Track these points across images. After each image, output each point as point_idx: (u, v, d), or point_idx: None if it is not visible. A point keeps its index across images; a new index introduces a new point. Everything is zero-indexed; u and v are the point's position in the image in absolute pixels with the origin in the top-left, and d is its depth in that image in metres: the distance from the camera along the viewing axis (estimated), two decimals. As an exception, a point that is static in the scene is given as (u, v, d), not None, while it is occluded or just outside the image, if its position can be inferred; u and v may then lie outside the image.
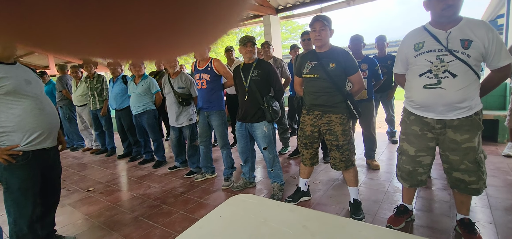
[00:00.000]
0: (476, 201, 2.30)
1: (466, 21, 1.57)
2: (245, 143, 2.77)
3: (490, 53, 1.53)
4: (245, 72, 2.59)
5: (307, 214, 0.87)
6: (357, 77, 2.11)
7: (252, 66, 2.56)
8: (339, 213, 2.32)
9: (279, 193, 2.66)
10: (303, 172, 2.47)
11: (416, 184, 1.90)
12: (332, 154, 2.21)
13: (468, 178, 1.68)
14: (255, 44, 2.57)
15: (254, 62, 2.58)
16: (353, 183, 2.22)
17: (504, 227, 1.96)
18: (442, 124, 1.68)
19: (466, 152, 1.64)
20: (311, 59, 2.17)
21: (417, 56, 1.67)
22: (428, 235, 1.95)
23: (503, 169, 2.96)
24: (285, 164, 3.69)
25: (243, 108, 2.64)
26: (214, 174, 3.36)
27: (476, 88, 1.60)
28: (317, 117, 2.19)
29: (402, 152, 1.90)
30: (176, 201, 2.77)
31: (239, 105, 2.72)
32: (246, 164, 2.89)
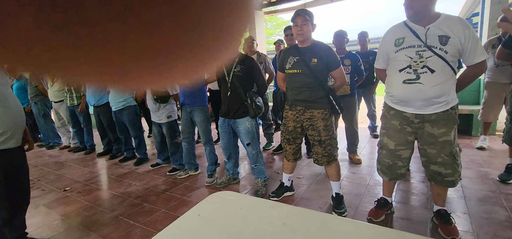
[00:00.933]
0: (452, 192, 2.39)
1: (444, 17, 1.60)
2: (228, 139, 2.74)
3: (466, 50, 1.58)
4: (228, 68, 2.55)
5: (288, 210, 0.86)
6: (339, 72, 2.13)
7: (234, 62, 2.53)
8: (322, 207, 2.35)
9: (262, 188, 2.66)
10: (287, 167, 2.47)
11: (396, 178, 1.94)
12: (315, 149, 2.22)
13: (445, 171, 1.73)
14: None
15: (237, 57, 2.54)
16: (335, 178, 2.25)
17: (478, 217, 2.04)
18: (421, 119, 1.72)
19: (443, 145, 1.69)
20: (294, 55, 2.16)
21: (398, 52, 1.70)
22: (407, 226, 2.01)
23: (477, 161, 3.09)
24: (269, 160, 3.69)
25: (226, 104, 2.61)
26: (197, 170, 3.31)
27: (452, 83, 1.65)
28: (299, 113, 2.19)
29: (382, 146, 1.93)
30: (158, 199, 2.70)
31: (222, 101, 2.68)
32: (229, 160, 2.86)
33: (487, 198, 2.30)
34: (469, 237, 1.83)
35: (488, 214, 2.07)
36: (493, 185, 2.50)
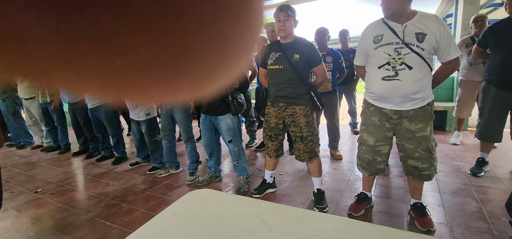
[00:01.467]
0: (427, 186, 2.47)
1: (421, 15, 1.64)
2: (210, 136, 2.69)
3: (441, 47, 1.62)
4: None
5: (267, 207, 0.85)
6: (320, 69, 2.14)
7: None
8: (304, 203, 2.36)
9: (245, 186, 2.64)
10: (269, 164, 2.47)
11: (375, 173, 1.98)
12: (296, 145, 2.23)
13: (421, 165, 1.78)
14: None
15: None
16: (317, 174, 2.27)
17: (451, 209, 2.12)
18: (399, 115, 1.75)
19: (420, 140, 1.74)
20: (276, 50, 2.15)
21: (377, 49, 1.72)
22: (385, 220, 2.05)
23: (451, 156, 3.22)
24: (252, 157, 3.67)
25: (207, 101, 2.56)
26: (178, 169, 3.24)
27: (429, 80, 1.69)
28: (281, 109, 2.18)
29: (362, 142, 1.96)
30: (137, 199, 2.62)
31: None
32: (211, 158, 2.81)
33: (459, 190, 2.40)
34: (443, 228, 1.90)
35: (461, 206, 2.15)
36: (465, 178, 2.62)
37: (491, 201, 2.18)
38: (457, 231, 1.87)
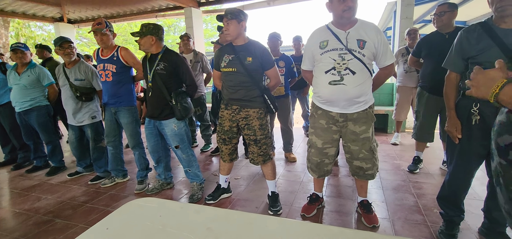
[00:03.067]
0: (372, 183, 2.65)
1: (361, 23, 1.75)
2: (155, 141, 2.53)
3: (379, 53, 1.75)
4: (151, 64, 2.35)
5: (214, 214, 0.79)
6: (273, 72, 2.15)
7: (157, 58, 2.32)
8: (259, 207, 2.35)
9: (198, 192, 2.54)
10: (223, 168, 2.41)
11: (323, 174, 2.04)
12: (250, 149, 2.21)
13: (365, 165, 1.89)
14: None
15: (160, 53, 2.34)
16: (271, 176, 2.27)
17: (392, 204, 2.30)
18: (345, 117, 1.84)
19: (364, 142, 1.84)
20: (229, 53, 2.11)
21: (323, 54, 1.78)
22: (335, 219, 2.14)
23: (392, 155, 3.51)
24: (207, 162, 3.57)
25: (150, 104, 2.40)
26: (126, 177, 3.00)
27: (370, 84, 1.81)
28: (235, 112, 2.15)
29: (311, 145, 2.01)
30: (75, 213, 2.34)
31: (147, 100, 2.46)
32: (159, 164, 2.65)
33: (399, 187, 2.61)
34: (386, 223, 2.04)
35: (401, 201, 2.34)
36: (404, 175, 2.87)
37: (425, 195, 2.42)
38: (398, 224, 2.02)
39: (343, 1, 1.65)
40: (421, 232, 1.92)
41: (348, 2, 1.64)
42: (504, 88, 0.74)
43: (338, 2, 1.67)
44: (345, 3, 1.65)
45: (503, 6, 1.39)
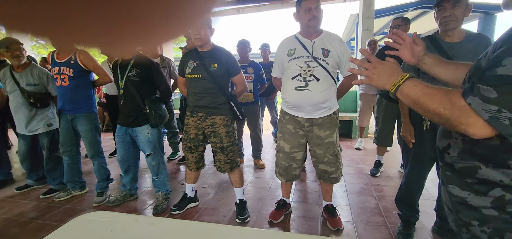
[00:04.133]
0: (337, 188, 2.74)
1: (325, 33, 1.83)
2: (127, 149, 2.41)
3: (342, 62, 1.83)
4: (122, 70, 2.25)
5: (170, 225, 0.76)
6: (239, 78, 2.15)
7: (129, 64, 2.25)
8: (226, 215, 2.31)
9: (164, 202, 2.43)
10: (189, 177, 2.34)
11: (291, 179, 2.07)
12: (217, 156, 2.18)
13: (330, 169, 1.95)
14: None
15: (132, 60, 2.27)
16: (238, 184, 2.25)
17: (356, 207, 2.39)
18: (310, 122, 1.89)
19: (328, 146, 1.91)
20: (194, 59, 2.08)
21: (290, 61, 1.83)
22: (302, 224, 2.17)
23: (355, 160, 3.67)
24: (174, 170, 3.46)
25: (122, 111, 2.30)
26: (84, 189, 2.80)
27: (334, 91, 1.89)
28: (201, 119, 2.11)
29: (279, 150, 2.04)
30: (23, 231, 2.13)
31: (119, 107, 2.35)
32: (127, 174, 2.51)
33: (362, 190, 2.73)
34: (349, 225, 2.11)
35: (363, 204, 2.44)
36: (366, 179, 3.00)
37: (386, 197, 2.55)
38: (360, 227, 2.10)
39: (309, 11, 1.74)
40: (381, 234, 2.01)
41: (313, 12, 1.72)
42: (406, 81, 0.78)
43: (304, 13, 1.74)
44: (310, 13, 1.73)
45: (445, 21, 1.53)
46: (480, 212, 0.76)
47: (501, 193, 0.72)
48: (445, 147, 0.87)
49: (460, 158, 0.81)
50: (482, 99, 0.64)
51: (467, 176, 0.79)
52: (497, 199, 0.72)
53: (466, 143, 0.78)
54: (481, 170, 0.75)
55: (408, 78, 0.79)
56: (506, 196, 0.71)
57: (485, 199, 0.75)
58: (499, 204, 0.72)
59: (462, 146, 0.80)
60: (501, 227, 0.73)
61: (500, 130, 0.63)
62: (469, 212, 0.79)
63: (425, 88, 0.75)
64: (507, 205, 0.71)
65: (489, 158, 0.74)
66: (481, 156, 0.75)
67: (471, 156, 0.78)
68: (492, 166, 0.73)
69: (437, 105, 0.71)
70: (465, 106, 0.66)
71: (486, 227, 0.76)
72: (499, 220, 0.73)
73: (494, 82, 0.62)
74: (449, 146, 0.85)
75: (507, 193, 0.71)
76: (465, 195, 0.80)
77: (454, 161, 0.83)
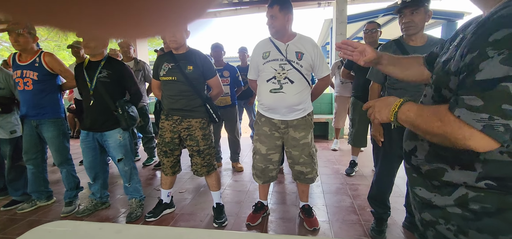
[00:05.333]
0: (314, 188, 2.78)
1: (299, 37, 1.86)
2: (94, 156, 2.30)
3: (316, 65, 1.87)
4: (91, 72, 2.16)
5: (138, 232, 0.73)
6: (215, 81, 2.14)
7: (99, 65, 2.16)
8: (203, 220, 2.27)
9: (138, 210, 2.35)
10: (165, 182, 2.28)
11: (268, 180, 2.08)
12: (194, 160, 2.14)
13: (305, 169, 1.98)
14: None
15: (103, 60, 2.19)
16: (216, 187, 2.23)
17: (332, 207, 2.44)
18: (286, 124, 1.92)
19: (303, 147, 1.94)
20: (168, 61, 2.04)
21: (265, 64, 1.85)
22: (279, 225, 2.18)
23: (332, 160, 3.75)
24: (149, 176, 3.35)
25: (90, 115, 2.19)
26: (50, 199, 2.63)
27: (308, 93, 1.92)
28: (176, 123, 2.07)
29: (256, 152, 2.04)
30: (-20, 247, 1.96)
31: (84, 111, 2.25)
32: (96, 181, 2.40)
33: (338, 190, 2.79)
34: (325, 225, 2.15)
35: (339, 203, 2.50)
36: (342, 178, 3.08)
37: (360, 196, 2.62)
38: (336, 225, 2.14)
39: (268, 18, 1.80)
40: (356, 231, 2.06)
41: (269, 20, 1.79)
42: (401, 107, 0.78)
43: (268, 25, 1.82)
44: (268, 21, 1.80)
45: (405, 27, 1.64)
46: (445, 210, 0.78)
47: (464, 192, 0.73)
48: (411, 149, 0.88)
49: (426, 160, 0.82)
50: (469, 109, 0.61)
51: (433, 178, 0.80)
52: (460, 197, 0.74)
53: (432, 145, 0.79)
54: (448, 172, 0.76)
55: (402, 103, 0.78)
56: (469, 194, 0.73)
57: (449, 197, 0.76)
58: (462, 202, 0.74)
59: (429, 149, 0.81)
60: (465, 224, 0.74)
61: (496, 138, 0.60)
62: (435, 211, 0.80)
63: (418, 110, 0.74)
64: (470, 202, 0.73)
65: (455, 161, 0.74)
66: (447, 159, 0.76)
67: (437, 158, 0.78)
68: (459, 168, 0.74)
69: (430, 125, 0.69)
70: (455, 120, 0.63)
71: (450, 224, 0.77)
72: (463, 217, 0.74)
73: (476, 89, 0.60)
74: (415, 149, 0.86)
75: (470, 191, 0.72)
76: (431, 196, 0.81)
77: (421, 163, 0.84)
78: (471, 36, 0.66)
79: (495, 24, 0.61)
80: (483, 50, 0.60)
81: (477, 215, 0.72)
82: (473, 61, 0.62)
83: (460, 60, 0.67)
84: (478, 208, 0.71)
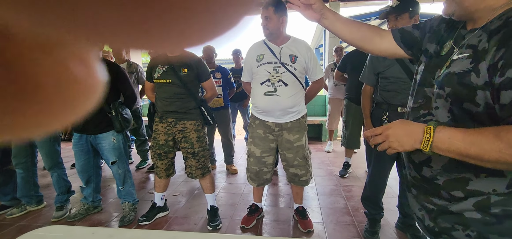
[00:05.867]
0: (308, 190, 2.79)
1: (293, 39, 1.87)
2: (87, 159, 2.27)
3: (310, 68, 1.89)
4: None
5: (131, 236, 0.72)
6: (209, 83, 2.14)
7: None
8: (197, 223, 2.25)
9: (131, 213, 2.32)
10: (159, 185, 2.26)
11: (263, 183, 2.08)
12: (188, 162, 2.13)
13: (300, 172, 1.99)
14: None
15: None
16: (210, 190, 2.22)
17: (326, 208, 2.45)
18: (280, 127, 1.92)
19: (298, 149, 1.94)
20: (163, 64, 2.03)
21: (259, 67, 1.85)
22: (274, 227, 2.18)
23: (326, 162, 3.78)
24: (142, 179, 3.32)
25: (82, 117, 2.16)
26: (41, 204, 2.59)
27: (302, 96, 1.93)
28: (171, 125, 2.06)
29: (250, 154, 2.04)
30: (-33, 253, 1.92)
31: None
32: (88, 185, 2.37)
33: (332, 191, 2.81)
34: (320, 226, 2.16)
35: (333, 204, 2.51)
36: (336, 180, 3.10)
37: (353, 197, 2.64)
38: (330, 227, 2.15)
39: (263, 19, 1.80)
40: (349, 233, 2.08)
41: (263, 21, 1.80)
42: (437, 135, 0.68)
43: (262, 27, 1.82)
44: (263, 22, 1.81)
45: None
46: (462, 216, 0.74)
47: (485, 196, 0.70)
48: (424, 160, 0.82)
49: (445, 171, 0.77)
50: None
51: (454, 189, 0.75)
52: (481, 201, 0.70)
53: None
54: (472, 181, 0.72)
55: (435, 130, 0.68)
56: (491, 198, 0.69)
57: (467, 202, 0.73)
58: (483, 206, 0.70)
59: (448, 159, 0.75)
60: (486, 229, 0.71)
61: None
62: (451, 217, 0.76)
63: (466, 135, 0.64)
64: (491, 206, 0.69)
65: (480, 168, 0.68)
66: (471, 167, 0.69)
67: (459, 168, 0.74)
68: (485, 176, 0.70)
69: (496, 154, 0.60)
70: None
71: (470, 230, 0.73)
72: (483, 222, 0.70)
73: None
74: (429, 159, 0.80)
75: (492, 195, 0.69)
76: (447, 204, 0.77)
77: (438, 173, 0.78)
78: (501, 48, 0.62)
79: None
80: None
81: (499, 218, 0.69)
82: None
83: (493, 74, 0.63)
84: (499, 211, 0.68)
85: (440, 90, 0.75)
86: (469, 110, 0.69)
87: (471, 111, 0.68)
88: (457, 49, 0.74)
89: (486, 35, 0.66)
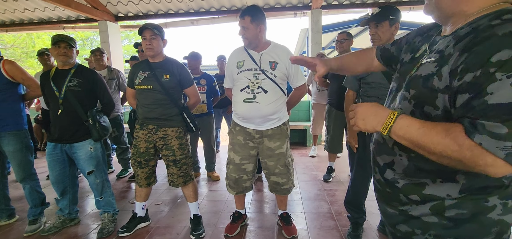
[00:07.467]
0: (293, 195, 2.80)
1: (273, 45, 1.88)
2: (62, 169, 2.17)
3: (291, 74, 1.89)
4: (59, 81, 2.06)
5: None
6: (192, 90, 2.11)
7: (69, 73, 2.07)
8: (180, 233, 2.20)
9: (110, 225, 2.23)
10: (140, 194, 2.20)
11: (242, 191, 2.05)
12: (170, 170, 2.09)
13: (281, 180, 1.97)
14: (72, 46, 2.09)
15: (73, 69, 2.09)
16: (193, 198, 2.18)
17: (310, 213, 2.46)
18: (260, 134, 1.91)
19: (279, 157, 1.93)
20: (144, 70, 1.99)
21: (239, 73, 1.84)
22: (258, 234, 2.16)
23: (310, 167, 3.80)
24: (124, 189, 3.22)
25: (58, 126, 2.07)
26: (13, 217, 2.45)
27: (283, 102, 1.92)
28: (152, 132, 2.01)
29: (229, 161, 2.02)
30: None
31: (52, 122, 2.12)
32: (64, 197, 2.26)
33: (316, 196, 2.82)
34: (304, 232, 2.16)
35: (317, 209, 2.53)
36: (320, 184, 3.12)
37: (337, 202, 2.67)
38: (314, 232, 2.16)
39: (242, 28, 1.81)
40: (333, 237, 2.09)
41: (241, 31, 1.81)
42: (397, 121, 0.70)
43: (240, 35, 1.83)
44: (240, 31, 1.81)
45: (371, 39, 1.75)
46: (420, 220, 0.77)
47: (440, 200, 0.73)
48: (388, 162, 0.84)
49: (405, 174, 0.79)
50: (492, 136, 0.57)
51: (411, 193, 0.78)
52: (436, 205, 0.74)
53: (412, 160, 0.77)
54: (429, 186, 0.74)
55: (398, 116, 0.70)
56: (445, 202, 0.72)
57: (424, 206, 0.75)
58: (438, 209, 0.73)
59: (408, 163, 0.78)
60: (444, 232, 0.73)
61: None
62: (411, 222, 0.79)
63: (421, 126, 0.66)
64: (446, 210, 0.72)
65: (437, 174, 0.72)
66: (429, 173, 0.73)
67: (417, 173, 0.76)
68: (440, 181, 0.72)
69: (441, 148, 0.63)
70: (476, 147, 0.59)
71: (428, 234, 0.76)
72: (441, 225, 0.73)
73: (495, 114, 0.56)
74: (392, 162, 0.83)
75: (446, 199, 0.72)
76: (407, 208, 0.80)
77: (399, 177, 0.81)
78: (463, 53, 0.62)
79: (496, 42, 0.57)
80: (486, 70, 0.57)
81: (454, 222, 0.72)
82: (477, 81, 0.58)
83: (452, 78, 0.64)
84: (454, 215, 0.71)
85: (405, 92, 0.78)
86: (429, 114, 0.71)
87: (431, 114, 0.71)
88: (428, 53, 0.76)
89: (454, 41, 0.67)
